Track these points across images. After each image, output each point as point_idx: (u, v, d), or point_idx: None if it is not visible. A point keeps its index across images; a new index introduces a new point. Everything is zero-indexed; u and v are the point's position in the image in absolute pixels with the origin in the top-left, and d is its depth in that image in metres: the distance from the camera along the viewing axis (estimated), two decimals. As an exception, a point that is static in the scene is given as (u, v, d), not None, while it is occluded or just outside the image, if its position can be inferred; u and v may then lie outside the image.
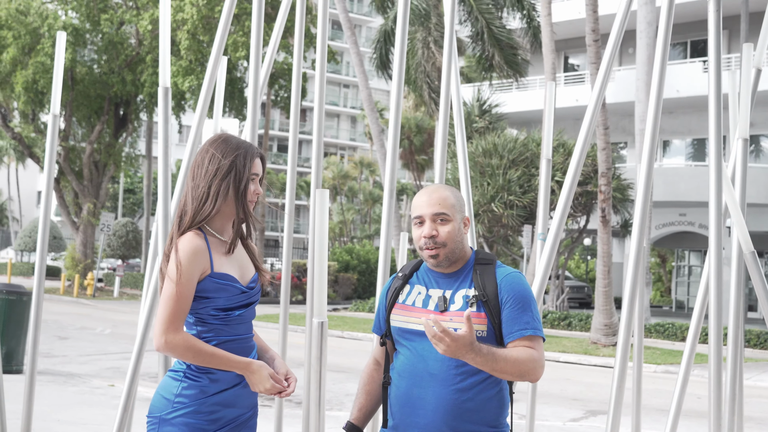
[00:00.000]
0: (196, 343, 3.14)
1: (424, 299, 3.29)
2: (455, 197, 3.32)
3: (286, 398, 3.76)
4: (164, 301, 3.15)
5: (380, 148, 25.73)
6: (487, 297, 3.18)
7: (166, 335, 3.12)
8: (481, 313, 3.18)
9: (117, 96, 33.49)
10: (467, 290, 3.23)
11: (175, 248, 3.17)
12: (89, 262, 34.31)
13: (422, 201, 3.30)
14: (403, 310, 3.32)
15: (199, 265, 3.16)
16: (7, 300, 11.87)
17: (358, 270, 37.78)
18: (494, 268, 3.27)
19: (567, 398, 13.06)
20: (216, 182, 3.23)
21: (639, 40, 22.87)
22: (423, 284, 3.34)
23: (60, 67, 4.97)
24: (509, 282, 3.21)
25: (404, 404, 3.25)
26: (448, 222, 3.26)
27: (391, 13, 29.57)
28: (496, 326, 3.17)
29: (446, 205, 3.27)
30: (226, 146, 3.28)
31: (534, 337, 3.15)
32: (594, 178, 24.49)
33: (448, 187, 3.36)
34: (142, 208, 60.31)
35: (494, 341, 3.17)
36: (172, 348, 3.12)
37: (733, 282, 4.50)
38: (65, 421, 9.21)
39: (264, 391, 3.20)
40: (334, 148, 79.58)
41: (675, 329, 23.26)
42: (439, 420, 3.16)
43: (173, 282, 3.12)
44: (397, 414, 3.28)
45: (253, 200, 3.32)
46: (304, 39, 5.04)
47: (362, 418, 3.46)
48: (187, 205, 3.25)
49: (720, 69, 4.03)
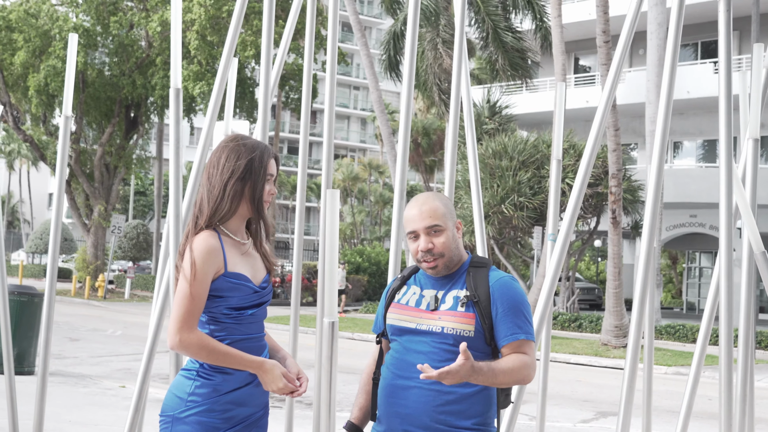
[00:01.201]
0: (209, 342, 3.15)
1: (417, 299, 3.37)
2: (444, 205, 3.36)
3: (297, 399, 3.78)
4: (178, 300, 3.16)
5: (390, 150, 25.73)
6: (478, 298, 3.25)
7: (180, 334, 3.13)
8: (470, 313, 3.24)
9: (127, 98, 33.59)
10: (459, 291, 3.30)
11: (190, 247, 3.19)
12: (100, 264, 34.41)
13: (413, 215, 3.34)
14: (397, 309, 3.40)
15: (213, 264, 3.18)
16: (18, 301, 11.90)
17: (369, 272, 37.79)
18: (487, 271, 3.33)
19: (577, 399, 13.04)
20: (232, 183, 3.24)
21: (650, 41, 22.81)
22: (419, 285, 3.42)
23: (72, 68, 4.98)
24: (501, 286, 3.27)
25: (389, 395, 3.31)
26: (442, 232, 3.31)
27: (401, 14, 29.56)
28: (486, 327, 3.23)
29: (437, 216, 3.31)
30: (242, 147, 3.30)
31: (526, 341, 3.22)
32: (604, 180, 24.43)
33: (436, 196, 3.40)
34: (152, 210, 60.47)
35: (482, 341, 3.24)
36: (186, 347, 3.14)
37: (744, 282, 4.48)
38: (77, 422, 9.24)
39: (276, 391, 3.21)
40: (344, 150, 79.62)
41: (686, 331, 23.20)
42: (420, 411, 3.22)
43: (187, 281, 3.14)
44: (383, 404, 3.34)
45: (268, 201, 3.35)
46: (314, 41, 5.04)
47: (362, 418, 3.50)
48: (203, 205, 3.27)
49: (730, 69, 4.02)
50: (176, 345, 3.15)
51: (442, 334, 3.23)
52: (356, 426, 3.47)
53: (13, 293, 11.87)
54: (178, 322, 3.13)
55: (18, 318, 11.83)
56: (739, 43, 31.11)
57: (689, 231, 32.01)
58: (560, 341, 21.22)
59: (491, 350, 3.24)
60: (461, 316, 3.24)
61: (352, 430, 3.47)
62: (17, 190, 69.74)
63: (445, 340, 3.23)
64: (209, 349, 3.14)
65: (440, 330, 3.24)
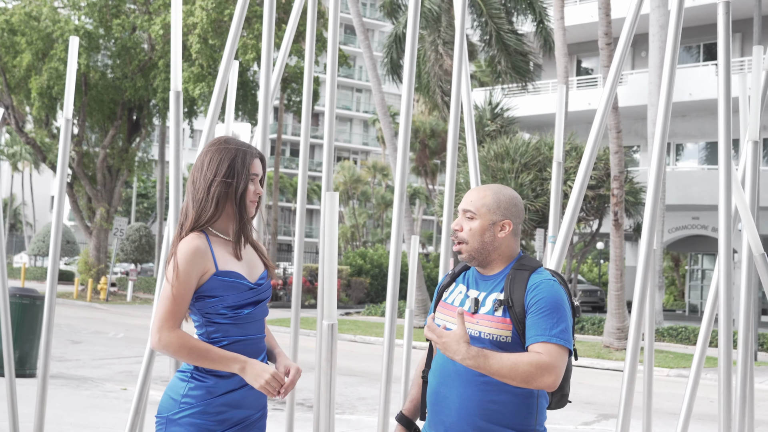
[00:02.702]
0: (189, 341, 3.14)
1: (462, 299, 3.31)
2: (496, 200, 3.28)
3: (297, 402, 3.78)
4: (160, 301, 3.18)
5: (393, 152, 25.74)
6: (512, 303, 3.15)
7: (160, 333, 3.14)
8: (506, 318, 3.15)
9: (130, 101, 33.63)
10: (498, 294, 3.21)
11: (175, 250, 3.20)
12: (102, 267, 34.43)
13: (465, 196, 3.34)
14: (444, 308, 3.36)
15: (197, 265, 3.17)
16: (20, 304, 11.91)
17: (371, 274, 37.77)
18: (530, 274, 3.21)
19: (579, 402, 13.03)
20: (216, 184, 3.24)
21: (651, 43, 22.82)
22: (465, 284, 3.36)
23: (73, 71, 4.99)
24: (538, 288, 3.14)
25: (433, 402, 3.28)
26: (474, 220, 3.27)
27: (402, 17, 29.57)
28: (521, 333, 3.13)
29: (477, 204, 3.27)
30: (225, 149, 3.30)
31: (549, 344, 3.05)
32: (607, 182, 24.43)
33: (497, 189, 3.32)
34: (155, 213, 60.51)
35: (519, 347, 3.14)
36: (165, 345, 3.13)
37: (743, 284, 4.48)
38: (78, 424, 9.25)
39: (262, 388, 3.16)
40: (346, 152, 79.66)
41: (688, 333, 23.18)
42: (462, 420, 3.17)
43: (170, 283, 3.15)
44: (429, 411, 3.32)
45: (254, 201, 3.34)
46: (316, 43, 5.04)
47: (413, 410, 3.49)
48: (188, 209, 3.28)
49: (729, 72, 4.02)
50: (156, 344, 3.15)
51: (480, 339, 3.15)
52: (406, 417, 3.46)
53: (14, 296, 11.88)
54: (159, 322, 3.15)
55: (20, 321, 11.84)
56: (741, 45, 31.11)
57: (691, 233, 32.00)
58: (562, 343, 21.18)
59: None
60: (498, 321, 3.15)
61: (402, 421, 3.46)
62: (20, 192, 69.83)
63: (482, 344, 3.13)
64: (188, 347, 3.13)
65: (478, 334, 3.16)
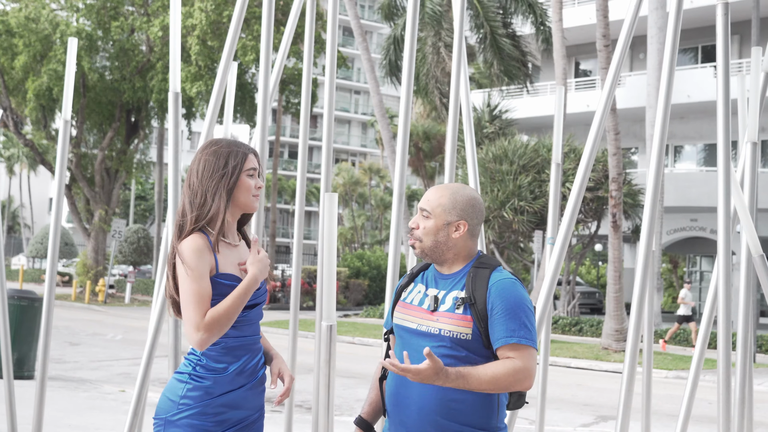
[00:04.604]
0: (216, 313, 3.12)
1: (421, 298, 3.33)
2: (452, 200, 3.31)
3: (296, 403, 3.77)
4: (184, 305, 3.15)
5: (391, 154, 25.73)
6: (474, 300, 3.18)
7: (198, 333, 3.10)
8: (467, 315, 3.18)
9: (128, 103, 33.60)
10: (458, 292, 3.24)
11: (179, 251, 3.18)
12: (101, 269, 34.40)
13: (425, 194, 3.36)
14: (403, 308, 3.37)
15: (205, 261, 3.17)
16: (18, 306, 11.90)
17: (369, 276, 37.76)
18: (490, 272, 3.24)
19: (578, 404, 13.03)
20: (212, 185, 3.24)
21: (650, 45, 22.82)
22: (424, 283, 3.37)
23: (71, 72, 4.98)
24: (499, 287, 3.18)
25: (393, 403, 3.29)
26: (429, 219, 3.29)
27: (400, 20, 29.58)
28: (482, 330, 3.16)
29: (434, 204, 3.29)
30: (218, 149, 3.30)
31: (519, 345, 3.11)
32: (605, 184, 24.45)
33: (454, 189, 3.35)
34: (153, 215, 60.48)
35: (480, 344, 3.17)
36: (210, 336, 3.11)
37: (742, 285, 4.48)
38: (76, 426, 9.24)
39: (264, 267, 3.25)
40: (345, 154, 79.64)
41: (686, 335, 23.19)
42: (423, 420, 3.18)
43: (189, 280, 3.13)
44: (390, 412, 3.32)
45: (256, 195, 3.34)
46: (314, 45, 5.04)
47: (372, 413, 3.48)
48: (185, 211, 3.26)
49: (728, 72, 4.02)
50: (202, 342, 3.12)
51: (440, 336, 3.19)
52: (365, 420, 3.45)
53: (13, 298, 11.87)
54: (192, 325, 3.11)
55: (18, 322, 11.83)
56: (740, 47, 31.13)
57: (690, 235, 32.00)
58: (561, 345, 21.21)
59: (491, 353, 3.17)
60: (459, 319, 3.18)
61: (361, 425, 3.45)
62: (18, 194, 69.77)
63: (442, 342, 3.17)
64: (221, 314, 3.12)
65: (438, 332, 3.19)
